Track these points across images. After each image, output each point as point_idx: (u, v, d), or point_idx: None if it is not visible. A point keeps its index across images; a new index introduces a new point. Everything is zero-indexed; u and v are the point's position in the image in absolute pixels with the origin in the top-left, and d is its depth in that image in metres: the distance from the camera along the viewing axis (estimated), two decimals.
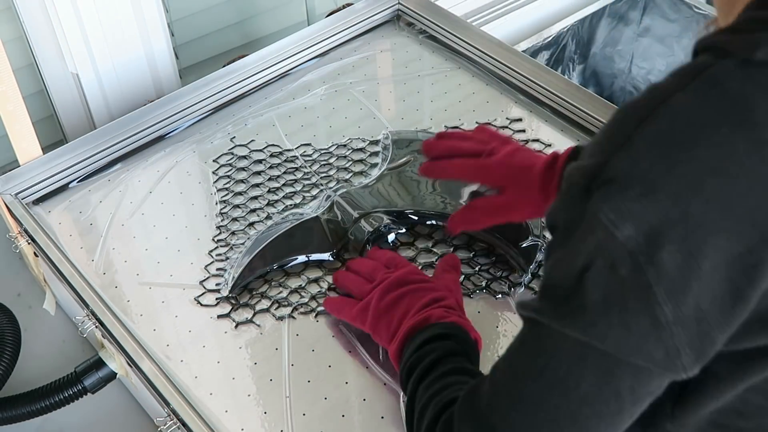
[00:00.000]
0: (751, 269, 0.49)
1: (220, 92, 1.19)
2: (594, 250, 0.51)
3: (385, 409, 0.84)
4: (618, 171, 0.50)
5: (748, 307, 0.50)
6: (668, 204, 0.49)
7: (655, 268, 0.49)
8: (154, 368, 0.87)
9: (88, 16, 1.16)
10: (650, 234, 0.49)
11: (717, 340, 0.51)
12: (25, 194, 1.06)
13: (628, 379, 0.53)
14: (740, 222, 0.49)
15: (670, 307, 0.49)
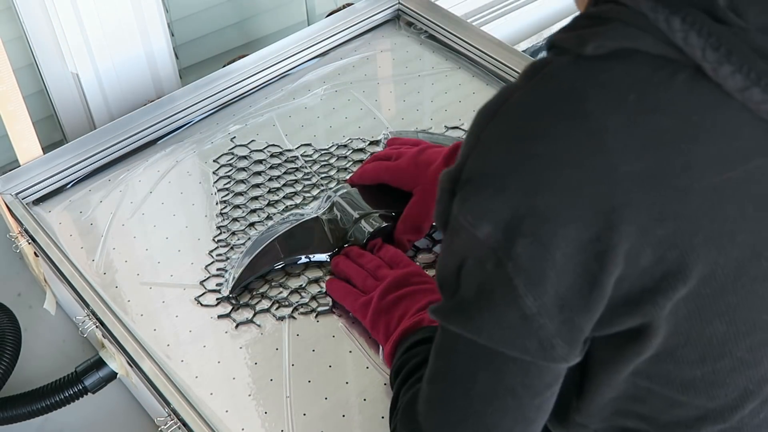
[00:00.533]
0: (602, 255, 0.50)
1: (220, 92, 1.19)
2: (463, 249, 0.54)
3: (386, 410, 0.84)
4: (472, 172, 0.53)
5: (604, 292, 0.52)
6: (518, 199, 0.51)
7: (512, 261, 0.51)
8: (154, 368, 0.87)
9: (88, 16, 1.16)
10: (506, 230, 0.51)
11: (583, 327, 0.53)
12: (25, 194, 1.06)
13: (518, 374, 0.56)
14: (585, 210, 0.50)
15: (531, 299, 0.51)
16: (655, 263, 0.51)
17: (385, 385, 0.86)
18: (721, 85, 0.49)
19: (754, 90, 0.49)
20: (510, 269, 0.51)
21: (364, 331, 0.90)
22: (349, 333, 0.91)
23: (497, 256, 0.51)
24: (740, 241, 0.51)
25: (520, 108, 0.52)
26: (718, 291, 0.52)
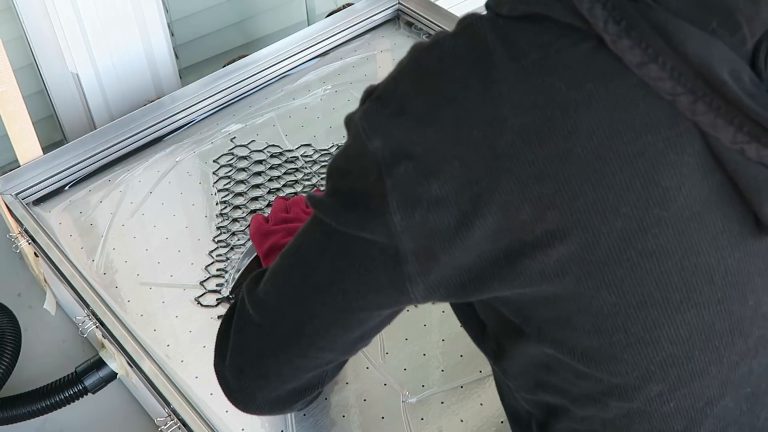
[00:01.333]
0: (477, 198, 0.52)
1: (220, 92, 1.19)
2: (353, 155, 0.57)
3: (385, 410, 0.84)
4: (383, 91, 0.56)
5: (471, 234, 0.53)
6: (411, 125, 0.54)
7: (391, 179, 0.54)
8: (154, 368, 0.87)
9: (88, 16, 1.16)
10: (394, 150, 0.54)
11: (441, 260, 0.55)
12: (25, 194, 1.06)
13: (358, 281, 0.59)
14: (470, 152, 0.52)
15: (399, 218, 0.54)
16: (535, 220, 0.52)
17: (385, 385, 0.86)
18: (621, 59, 0.51)
19: (651, 66, 0.50)
20: (387, 185, 0.54)
21: None
22: None
23: (380, 170, 0.54)
24: (625, 213, 0.52)
25: (438, 48, 0.56)
26: (603, 260, 0.53)
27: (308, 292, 0.62)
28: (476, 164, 0.52)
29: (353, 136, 0.57)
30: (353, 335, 0.64)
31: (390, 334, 0.90)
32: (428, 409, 0.84)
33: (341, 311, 0.62)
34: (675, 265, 0.53)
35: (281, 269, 0.65)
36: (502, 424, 0.83)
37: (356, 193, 0.56)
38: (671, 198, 0.52)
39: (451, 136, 0.53)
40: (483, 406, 0.85)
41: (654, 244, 0.53)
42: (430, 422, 0.83)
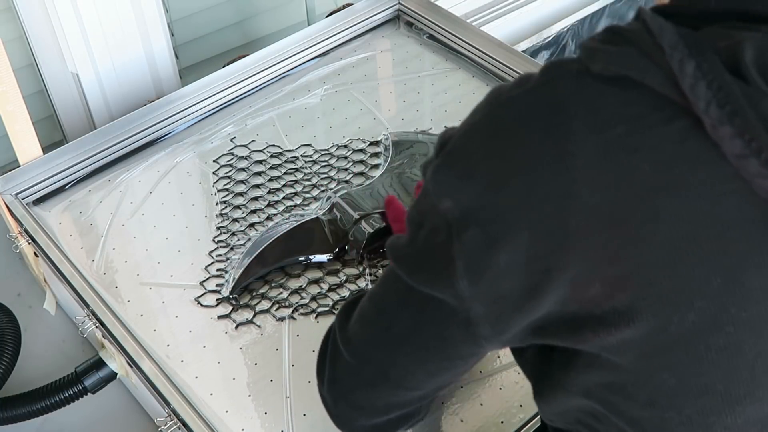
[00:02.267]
0: (546, 272, 0.50)
1: (220, 92, 1.19)
2: (424, 211, 0.55)
3: None
4: (454, 146, 0.53)
5: (540, 305, 0.52)
6: (480, 190, 0.51)
7: (459, 243, 0.52)
8: (154, 368, 0.87)
9: (88, 16, 1.16)
10: (463, 212, 0.51)
11: (510, 323, 0.54)
12: (25, 194, 1.06)
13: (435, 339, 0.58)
14: (540, 224, 0.49)
15: (466, 283, 0.52)
16: (605, 298, 0.50)
17: None
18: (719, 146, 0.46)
19: (752, 160, 0.45)
20: (455, 249, 0.52)
21: None
22: None
23: (449, 231, 0.52)
24: (699, 307, 0.49)
25: (516, 105, 0.52)
26: (670, 345, 0.50)
27: (391, 342, 0.61)
28: (546, 239, 0.49)
29: (424, 191, 0.55)
30: (440, 379, 0.63)
31: None
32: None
33: (424, 361, 0.61)
34: (746, 363, 0.50)
35: (368, 314, 0.64)
36: (502, 424, 0.83)
37: (428, 249, 0.55)
38: (754, 299, 0.48)
39: (521, 206, 0.49)
40: (483, 406, 0.85)
41: (726, 341, 0.50)
42: (430, 422, 0.83)
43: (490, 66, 1.22)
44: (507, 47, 1.23)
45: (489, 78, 1.22)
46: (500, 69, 1.21)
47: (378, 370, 0.63)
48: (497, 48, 1.23)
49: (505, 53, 1.22)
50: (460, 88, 1.21)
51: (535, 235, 0.49)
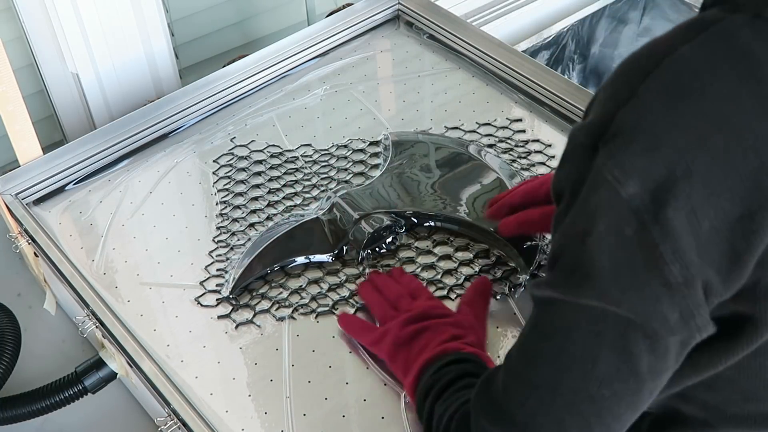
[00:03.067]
0: (751, 234, 0.47)
1: (220, 92, 1.19)
2: (596, 210, 0.49)
3: (386, 410, 0.84)
4: (623, 125, 0.49)
5: (744, 272, 0.49)
6: (674, 159, 0.47)
7: (660, 226, 0.47)
8: (154, 368, 0.87)
9: (88, 16, 1.16)
10: (655, 190, 0.47)
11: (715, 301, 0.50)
12: (25, 194, 1.06)
13: (646, 356, 0.51)
14: (744, 182, 0.46)
15: (678, 267, 0.48)
16: None
17: (385, 385, 0.86)
18: None
19: None
20: (656, 234, 0.47)
21: None
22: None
23: (641, 219, 0.47)
24: None
25: (687, 63, 0.48)
26: None
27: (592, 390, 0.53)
28: (752, 196, 0.46)
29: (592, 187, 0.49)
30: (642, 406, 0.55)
31: None
32: None
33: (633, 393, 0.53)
34: None
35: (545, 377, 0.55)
36: None
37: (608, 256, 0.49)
38: None
39: (722, 165, 0.46)
40: None
41: None
42: None
43: (490, 66, 1.22)
44: (507, 47, 1.23)
45: (489, 78, 1.22)
46: (500, 69, 1.21)
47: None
48: (497, 48, 1.23)
49: (505, 53, 1.22)
50: (460, 88, 1.21)
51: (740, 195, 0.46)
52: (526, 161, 1.08)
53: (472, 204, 1.00)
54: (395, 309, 0.87)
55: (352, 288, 0.94)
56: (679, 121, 0.47)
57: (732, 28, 0.48)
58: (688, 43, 0.49)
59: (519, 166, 1.07)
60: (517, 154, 1.09)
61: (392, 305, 0.87)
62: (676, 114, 0.48)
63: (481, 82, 1.22)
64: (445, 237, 0.99)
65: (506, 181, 1.03)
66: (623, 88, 0.50)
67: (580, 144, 0.51)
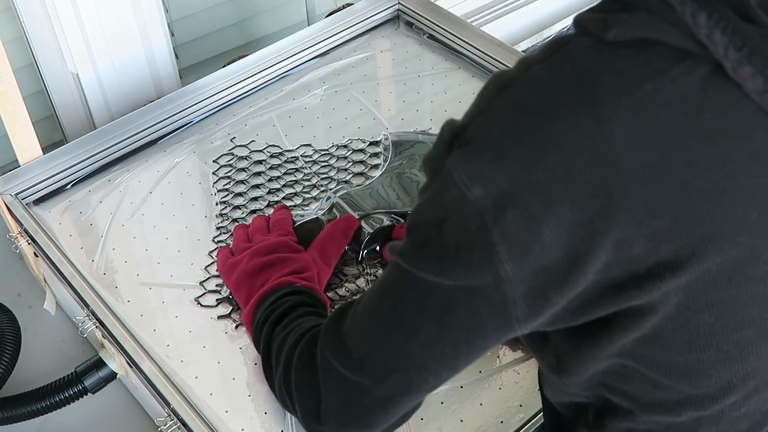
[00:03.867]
0: (590, 238, 0.51)
1: (220, 92, 1.19)
2: (449, 204, 0.54)
3: None
4: (475, 134, 0.53)
5: (585, 274, 0.52)
6: (516, 171, 0.51)
7: (499, 229, 0.52)
8: (154, 368, 0.87)
9: (88, 16, 1.16)
10: (497, 197, 0.51)
11: (551, 299, 0.54)
12: (25, 194, 1.06)
13: (467, 331, 0.57)
14: (581, 193, 0.50)
15: (511, 265, 0.52)
16: (648, 253, 0.51)
17: None
18: (741, 86, 0.49)
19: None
20: (495, 235, 0.52)
21: None
22: None
23: (483, 219, 0.52)
24: (740, 242, 0.52)
25: (534, 82, 0.53)
26: (710, 285, 0.53)
27: (414, 350, 0.60)
28: (589, 205, 0.50)
29: (445, 185, 0.54)
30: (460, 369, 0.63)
31: None
32: (428, 409, 0.84)
33: (450, 359, 0.60)
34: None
35: (378, 330, 0.62)
36: (501, 424, 0.83)
37: (455, 244, 0.54)
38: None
39: (560, 179, 0.50)
40: (483, 406, 0.85)
41: (764, 271, 0.53)
42: (430, 422, 0.83)
43: (490, 66, 1.22)
44: (507, 47, 1.23)
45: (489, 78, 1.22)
46: (500, 69, 1.21)
47: (400, 382, 0.62)
48: (497, 48, 1.23)
49: (505, 53, 1.22)
50: (460, 88, 1.21)
51: (578, 204, 0.50)
52: None
53: None
54: (249, 242, 0.94)
55: (352, 288, 0.95)
56: (524, 137, 0.51)
57: (577, 50, 0.52)
58: (540, 63, 0.53)
59: None
60: None
61: (248, 238, 0.95)
62: (521, 129, 0.52)
63: (481, 82, 1.21)
64: None
65: None
66: (482, 97, 0.55)
67: (443, 138, 0.56)
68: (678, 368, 0.57)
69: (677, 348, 0.56)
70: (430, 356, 0.60)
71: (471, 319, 0.56)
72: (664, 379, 0.58)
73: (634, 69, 0.51)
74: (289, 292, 0.84)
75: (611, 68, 0.51)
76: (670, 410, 0.60)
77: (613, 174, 0.50)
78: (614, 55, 0.51)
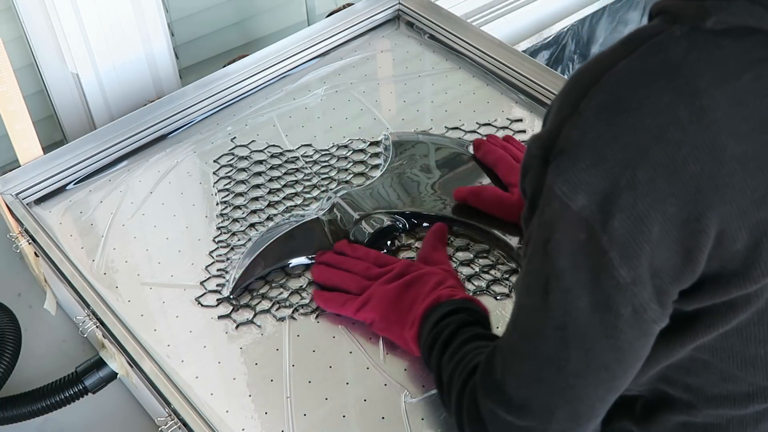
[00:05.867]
0: (698, 234, 0.50)
1: (220, 92, 1.19)
2: (552, 221, 0.53)
3: (386, 410, 0.84)
4: (568, 141, 0.52)
5: (697, 267, 0.52)
6: (616, 172, 0.50)
7: (608, 235, 0.51)
8: (154, 368, 0.87)
9: (88, 17, 1.16)
10: (602, 203, 0.50)
11: (671, 293, 0.54)
12: (25, 194, 1.06)
13: (609, 351, 0.56)
14: (685, 187, 0.50)
15: (626, 269, 0.51)
16: (750, 248, 0.51)
17: (385, 385, 0.86)
18: None
19: None
20: (605, 242, 0.51)
21: (365, 332, 0.90)
22: (349, 333, 0.91)
23: (591, 228, 0.51)
24: None
25: (625, 77, 0.51)
26: None
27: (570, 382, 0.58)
28: (695, 198, 0.50)
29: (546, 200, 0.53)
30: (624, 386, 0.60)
31: None
32: (428, 410, 0.84)
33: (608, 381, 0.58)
34: None
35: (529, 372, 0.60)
36: None
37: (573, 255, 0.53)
38: None
39: (663, 175, 0.50)
40: None
41: None
42: (430, 422, 0.83)
43: (490, 66, 1.22)
44: (507, 47, 1.23)
45: (489, 78, 1.22)
46: (500, 69, 1.21)
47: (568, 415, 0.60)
48: (497, 48, 1.23)
49: (505, 53, 1.22)
50: (460, 88, 1.21)
51: (683, 199, 0.50)
52: None
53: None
54: (368, 278, 0.90)
55: None
56: (620, 136, 0.50)
57: (669, 41, 0.51)
58: (626, 58, 0.52)
59: None
60: None
61: (363, 276, 0.90)
62: (616, 129, 0.50)
63: (482, 82, 1.22)
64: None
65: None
66: (567, 102, 0.53)
67: (534, 156, 0.54)
68: (755, 360, 0.56)
69: (758, 340, 0.55)
70: (587, 384, 0.58)
71: (610, 337, 0.55)
72: (737, 371, 0.57)
73: (732, 58, 0.49)
74: (449, 311, 0.80)
75: (709, 57, 0.50)
76: (737, 403, 0.59)
77: (718, 166, 0.49)
78: (711, 44, 0.50)
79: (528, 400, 0.61)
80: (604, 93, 0.51)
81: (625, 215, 0.50)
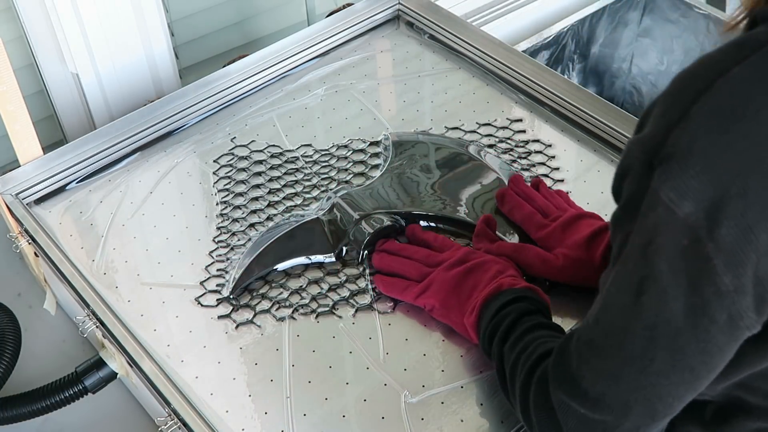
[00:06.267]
0: None
1: (220, 92, 1.19)
2: (655, 226, 0.52)
3: (386, 410, 0.84)
4: (677, 147, 0.51)
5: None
6: (727, 180, 0.50)
7: (714, 243, 0.50)
8: (154, 368, 0.87)
9: (88, 17, 1.16)
10: (710, 209, 0.50)
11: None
12: (25, 194, 1.06)
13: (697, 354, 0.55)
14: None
15: (730, 278, 0.51)
16: None
17: (385, 385, 0.86)
18: None
19: None
20: (710, 249, 0.51)
21: (365, 332, 0.90)
22: (349, 333, 0.91)
23: (696, 234, 0.51)
24: None
25: (741, 84, 0.51)
26: None
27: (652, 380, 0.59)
28: None
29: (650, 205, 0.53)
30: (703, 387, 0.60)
31: (390, 334, 0.90)
32: (428, 409, 0.84)
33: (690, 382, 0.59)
34: None
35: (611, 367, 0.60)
36: (502, 424, 0.83)
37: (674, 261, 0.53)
38: None
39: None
40: (483, 406, 0.85)
41: None
42: (430, 422, 0.83)
43: (490, 66, 1.22)
44: (507, 47, 1.23)
45: (489, 78, 1.22)
46: (500, 69, 1.21)
47: (645, 412, 0.60)
48: (497, 48, 1.23)
49: (505, 53, 1.22)
50: (460, 88, 1.21)
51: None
52: (527, 161, 1.08)
53: (472, 204, 1.00)
54: (428, 266, 0.89)
55: (353, 288, 0.95)
56: (733, 144, 0.50)
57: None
58: (740, 63, 0.51)
59: (519, 167, 1.07)
60: (517, 155, 1.09)
61: (424, 262, 0.90)
62: (730, 137, 0.50)
63: (482, 82, 1.22)
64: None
65: (506, 181, 1.03)
66: (675, 107, 0.52)
67: (637, 159, 0.54)
68: None
69: None
70: (669, 383, 0.58)
71: (701, 341, 0.55)
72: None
73: None
74: (510, 300, 0.80)
75: None
76: None
77: None
78: None
79: (604, 396, 0.61)
80: (717, 99, 0.51)
81: (734, 223, 0.50)
